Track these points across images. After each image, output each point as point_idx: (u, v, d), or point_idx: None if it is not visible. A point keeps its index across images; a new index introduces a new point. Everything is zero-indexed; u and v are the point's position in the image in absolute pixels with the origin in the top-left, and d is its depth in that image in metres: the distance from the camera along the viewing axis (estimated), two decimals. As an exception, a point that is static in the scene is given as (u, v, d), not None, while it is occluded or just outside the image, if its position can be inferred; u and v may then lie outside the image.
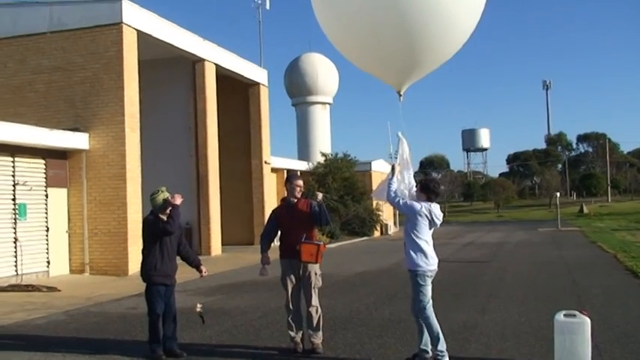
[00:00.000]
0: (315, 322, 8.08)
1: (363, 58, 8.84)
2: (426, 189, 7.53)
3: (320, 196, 8.23)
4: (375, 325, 9.83)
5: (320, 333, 8.10)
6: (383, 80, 8.85)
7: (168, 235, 7.96)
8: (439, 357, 7.17)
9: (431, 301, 7.34)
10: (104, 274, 18.46)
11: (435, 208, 7.44)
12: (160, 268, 7.91)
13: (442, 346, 7.20)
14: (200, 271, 8.36)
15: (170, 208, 7.95)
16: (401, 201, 7.55)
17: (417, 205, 7.41)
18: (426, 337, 7.34)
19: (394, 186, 7.63)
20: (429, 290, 7.34)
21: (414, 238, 7.36)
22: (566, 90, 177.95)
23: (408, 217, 7.52)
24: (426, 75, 8.83)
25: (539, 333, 8.79)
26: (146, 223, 8.11)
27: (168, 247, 8.00)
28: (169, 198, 7.97)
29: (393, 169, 7.82)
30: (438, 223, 7.52)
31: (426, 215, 7.36)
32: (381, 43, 8.17)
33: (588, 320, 6.88)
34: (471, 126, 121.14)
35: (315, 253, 8.00)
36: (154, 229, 7.93)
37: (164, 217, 7.95)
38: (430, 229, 7.46)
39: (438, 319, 7.26)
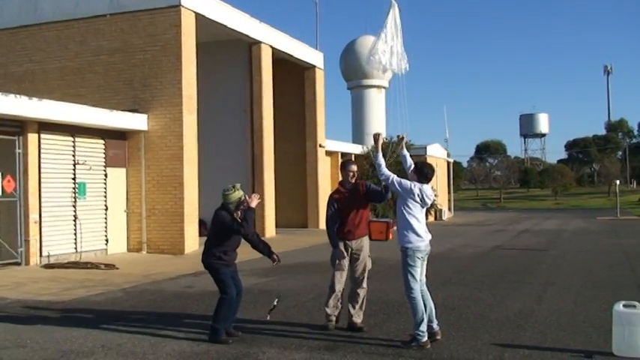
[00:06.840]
0: (361, 301, 8.35)
1: None
2: (420, 173, 7.78)
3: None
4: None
5: (362, 312, 8.38)
6: None
7: (239, 235, 7.89)
8: (419, 336, 7.36)
9: (419, 283, 7.51)
10: (161, 253, 18.83)
11: (427, 189, 7.71)
12: (224, 258, 7.87)
13: (423, 327, 7.39)
14: (273, 260, 8.22)
15: (243, 207, 7.83)
16: (395, 180, 7.71)
17: (409, 184, 7.65)
18: (430, 312, 7.55)
19: (383, 166, 7.88)
20: (418, 272, 7.52)
21: (406, 215, 7.60)
22: (628, 75, 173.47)
23: (400, 195, 7.72)
24: None
25: (597, 323, 8.61)
26: (219, 216, 7.85)
27: (235, 242, 7.95)
28: (246, 198, 7.86)
29: (375, 140, 8.21)
30: (429, 202, 7.86)
31: (417, 194, 7.59)
32: None
33: (649, 311, 6.71)
34: (529, 111, 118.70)
35: (385, 231, 8.14)
36: (226, 226, 7.79)
37: (238, 217, 7.84)
38: (422, 207, 7.69)
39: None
